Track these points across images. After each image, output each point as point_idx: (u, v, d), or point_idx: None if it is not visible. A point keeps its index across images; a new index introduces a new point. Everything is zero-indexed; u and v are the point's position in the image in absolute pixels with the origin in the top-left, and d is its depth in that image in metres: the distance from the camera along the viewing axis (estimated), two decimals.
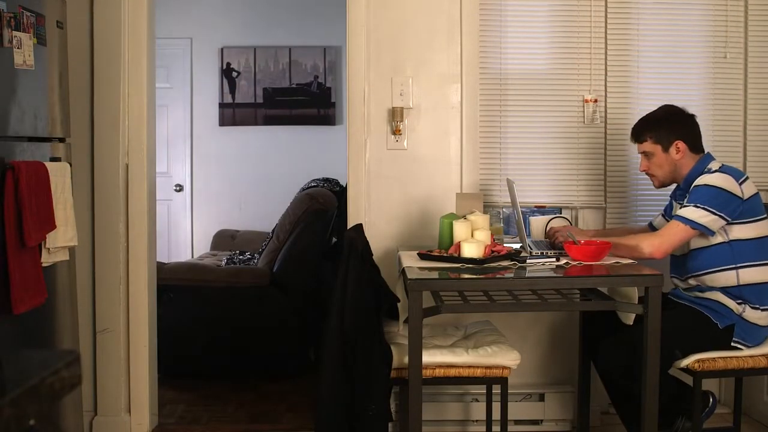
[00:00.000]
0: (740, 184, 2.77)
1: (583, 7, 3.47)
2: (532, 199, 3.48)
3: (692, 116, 2.95)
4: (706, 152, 2.95)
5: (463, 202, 3.17)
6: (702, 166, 2.87)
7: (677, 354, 2.74)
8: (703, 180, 2.79)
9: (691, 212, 2.75)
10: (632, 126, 3.02)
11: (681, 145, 2.89)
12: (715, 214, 2.73)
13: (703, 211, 2.73)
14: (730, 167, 2.87)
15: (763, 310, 2.78)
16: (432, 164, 3.44)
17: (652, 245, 2.77)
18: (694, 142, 2.93)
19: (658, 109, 3.01)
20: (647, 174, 3.01)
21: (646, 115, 3.01)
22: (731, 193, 2.75)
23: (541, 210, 3.48)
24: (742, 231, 2.78)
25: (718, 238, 2.79)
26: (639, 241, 2.81)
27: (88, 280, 3.32)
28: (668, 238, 2.77)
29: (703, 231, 2.75)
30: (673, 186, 3.02)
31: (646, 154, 2.96)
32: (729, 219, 2.75)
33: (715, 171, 2.81)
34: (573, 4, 3.48)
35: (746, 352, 2.77)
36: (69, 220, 2.71)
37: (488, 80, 3.46)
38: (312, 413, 3.54)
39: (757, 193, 2.83)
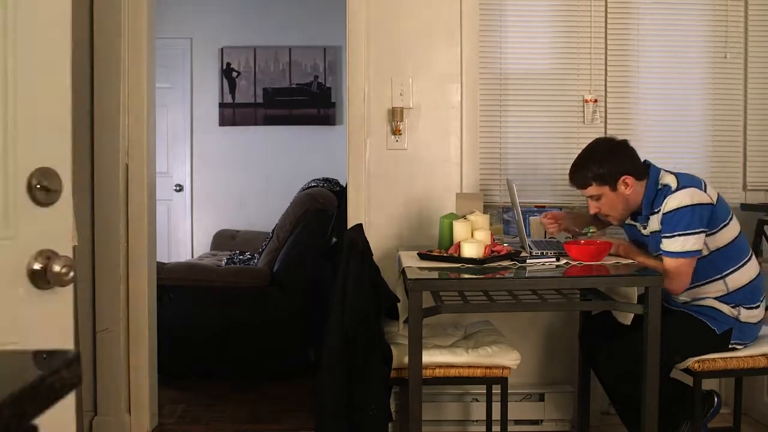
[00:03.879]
0: (705, 191, 2.71)
1: (583, 7, 3.47)
2: (532, 199, 3.48)
3: (625, 142, 2.82)
4: (645, 163, 2.81)
5: (463, 202, 3.17)
6: (654, 185, 2.75)
7: (676, 359, 2.74)
8: (671, 204, 2.67)
9: (680, 244, 2.66)
10: (570, 168, 2.85)
11: (629, 179, 2.75)
12: (698, 232, 2.66)
13: (688, 237, 2.65)
14: (687, 176, 2.75)
15: (756, 307, 2.78)
16: (432, 164, 3.44)
17: (669, 289, 2.70)
18: (638, 171, 2.78)
19: (589, 149, 2.85)
20: (602, 215, 2.87)
21: (580, 158, 2.83)
22: (703, 204, 2.67)
23: (541, 210, 3.48)
24: (717, 239, 2.73)
25: (702, 252, 2.73)
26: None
27: (88, 280, 3.32)
28: (679, 277, 2.68)
29: (698, 255, 2.70)
30: None
31: (593, 198, 2.81)
32: (708, 230, 2.69)
33: (676, 189, 2.69)
34: (573, 4, 3.48)
35: (746, 351, 2.76)
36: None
37: (488, 80, 3.46)
38: (312, 413, 3.54)
39: (719, 195, 2.76)
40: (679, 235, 2.65)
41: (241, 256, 5.04)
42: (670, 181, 2.73)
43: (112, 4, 3.30)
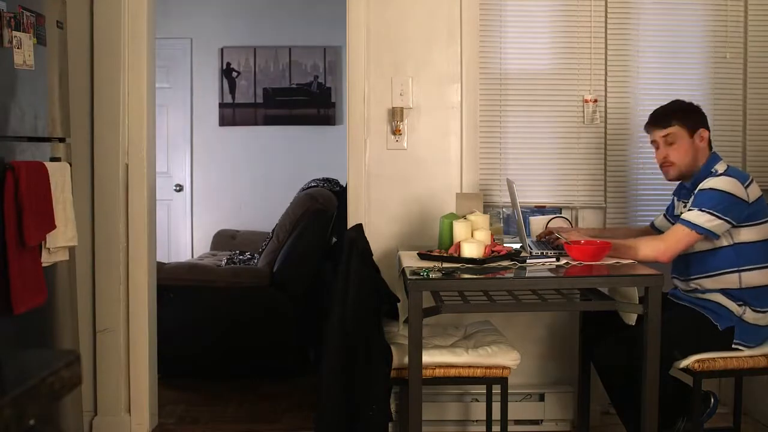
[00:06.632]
0: (746, 188, 2.75)
1: (583, 7, 3.47)
2: (532, 199, 3.48)
3: None
4: (713, 151, 2.94)
5: (463, 202, 3.17)
6: (709, 166, 2.85)
7: (676, 355, 2.74)
8: (708, 183, 2.76)
9: (696, 216, 2.72)
10: (652, 113, 2.96)
11: (705, 134, 2.88)
12: (721, 219, 2.71)
13: (708, 215, 2.71)
14: (736, 169, 2.85)
15: (764, 312, 2.78)
16: (432, 164, 3.44)
17: (658, 250, 2.75)
18: (710, 138, 2.93)
19: (679, 100, 2.98)
20: (664, 164, 2.91)
21: (670, 102, 2.96)
22: (737, 197, 2.72)
23: (541, 210, 3.48)
24: (747, 234, 2.76)
25: (723, 242, 2.77)
26: (644, 245, 2.79)
27: (88, 280, 3.32)
28: (674, 243, 2.75)
29: (708, 235, 2.73)
30: (676, 184, 3.02)
31: (667, 139, 2.88)
32: (734, 223, 2.73)
33: (721, 174, 2.78)
34: (573, 4, 3.47)
35: (746, 352, 2.76)
36: (69, 220, 2.71)
37: (488, 80, 3.46)
38: (312, 413, 3.54)
39: (762, 195, 2.81)
40: (699, 210, 2.73)
41: (241, 256, 5.04)
42: (720, 167, 2.83)
43: (112, 4, 3.30)
